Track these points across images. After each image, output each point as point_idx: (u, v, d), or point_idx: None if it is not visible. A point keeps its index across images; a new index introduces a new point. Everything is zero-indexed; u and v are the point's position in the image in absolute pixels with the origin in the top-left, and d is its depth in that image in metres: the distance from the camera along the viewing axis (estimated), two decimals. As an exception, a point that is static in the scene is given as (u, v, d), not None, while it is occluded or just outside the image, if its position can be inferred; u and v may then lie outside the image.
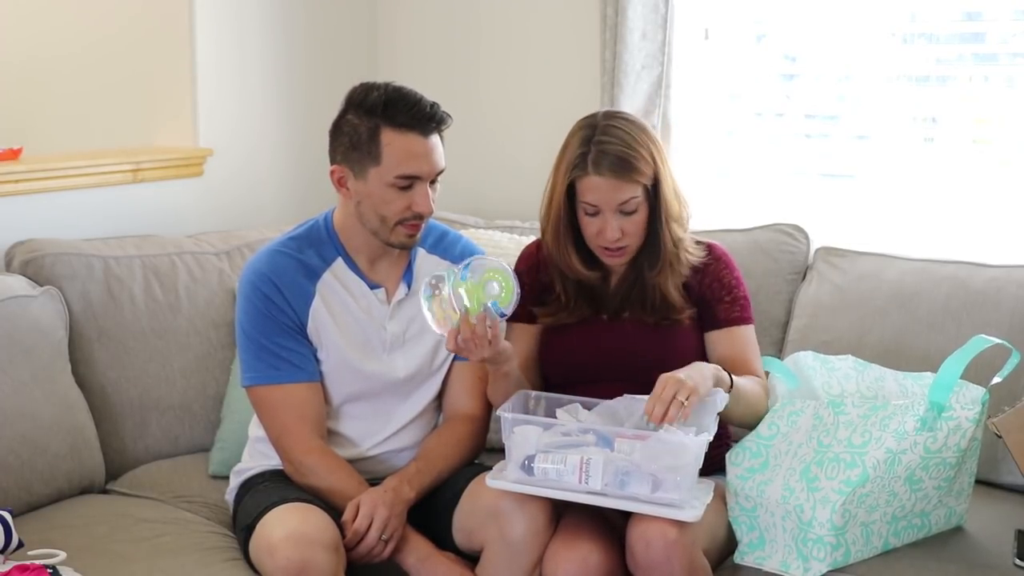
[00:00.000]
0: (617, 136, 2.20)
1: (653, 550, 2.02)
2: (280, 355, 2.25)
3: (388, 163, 2.18)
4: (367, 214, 2.24)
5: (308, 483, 2.23)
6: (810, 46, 3.09)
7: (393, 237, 2.25)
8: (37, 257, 2.60)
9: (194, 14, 3.03)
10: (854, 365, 2.34)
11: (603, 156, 2.18)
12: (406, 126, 2.17)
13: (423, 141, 2.19)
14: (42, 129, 3.31)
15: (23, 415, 2.37)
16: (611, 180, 2.18)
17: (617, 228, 2.21)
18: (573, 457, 2.04)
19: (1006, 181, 2.89)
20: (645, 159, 2.20)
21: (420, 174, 2.19)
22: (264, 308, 2.26)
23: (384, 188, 2.19)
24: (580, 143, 2.21)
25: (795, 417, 2.20)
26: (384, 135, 2.17)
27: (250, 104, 3.24)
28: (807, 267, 2.87)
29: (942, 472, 2.16)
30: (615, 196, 2.19)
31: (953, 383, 2.15)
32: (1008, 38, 2.90)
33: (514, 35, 3.36)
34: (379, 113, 2.18)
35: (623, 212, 2.20)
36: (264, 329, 2.26)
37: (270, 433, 2.29)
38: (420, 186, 2.20)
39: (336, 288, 2.30)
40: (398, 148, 2.17)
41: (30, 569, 1.94)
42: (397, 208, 2.21)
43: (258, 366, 2.27)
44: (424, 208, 2.21)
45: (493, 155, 3.40)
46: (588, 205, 2.21)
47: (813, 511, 2.09)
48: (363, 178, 2.21)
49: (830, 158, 3.10)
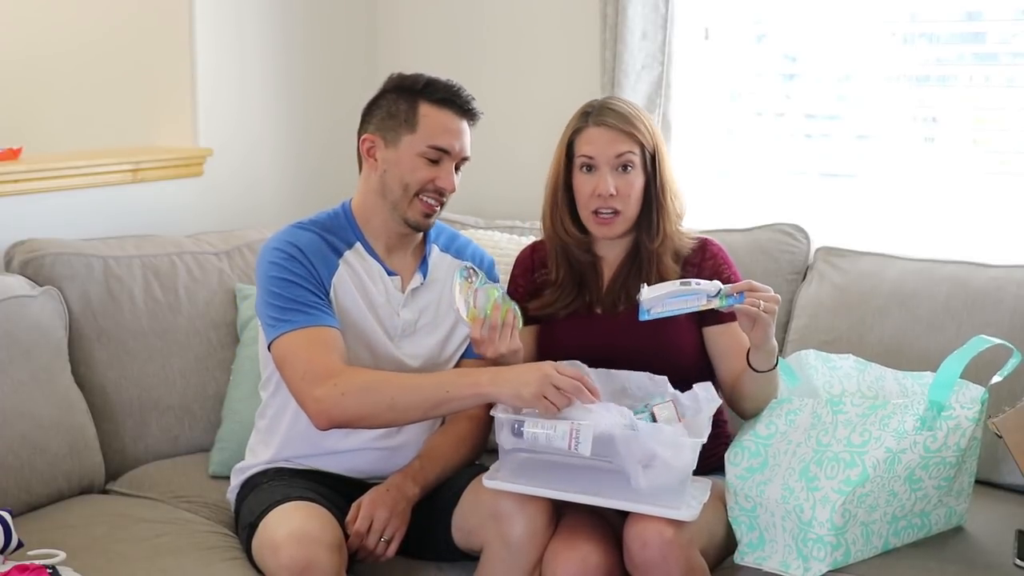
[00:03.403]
0: (619, 103, 2.33)
1: (649, 549, 2.02)
2: (309, 305, 2.22)
3: (423, 132, 2.26)
4: (391, 183, 2.29)
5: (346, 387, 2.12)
6: (810, 46, 3.10)
7: (410, 212, 2.29)
8: (37, 257, 2.60)
9: (194, 14, 3.03)
10: (855, 364, 2.34)
11: (605, 111, 2.29)
12: (444, 102, 2.28)
13: (458, 120, 2.29)
14: (42, 129, 3.31)
15: (23, 415, 2.37)
16: (610, 132, 2.26)
17: (612, 184, 2.25)
18: (563, 424, 2.03)
19: (1006, 181, 2.89)
20: (644, 124, 2.29)
21: (451, 149, 2.27)
22: (292, 268, 2.24)
23: (414, 157, 2.26)
24: (582, 114, 2.33)
25: (793, 416, 2.20)
26: (423, 107, 2.27)
27: (250, 104, 3.24)
28: (807, 267, 2.87)
29: (942, 472, 2.16)
30: (612, 148, 2.26)
31: (953, 382, 2.14)
32: (1008, 38, 2.90)
33: (514, 35, 3.36)
34: (419, 89, 2.29)
35: (619, 168, 2.26)
36: (293, 287, 2.22)
37: (295, 374, 2.17)
38: (447, 163, 2.28)
39: (357, 268, 2.32)
40: (434, 120, 2.27)
41: (30, 569, 1.94)
42: (421, 177, 2.26)
43: (287, 316, 2.20)
44: (447, 184, 2.28)
45: (493, 155, 3.39)
46: (585, 158, 2.28)
47: (813, 511, 2.08)
48: (395, 145, 2.28)
49: (830, 158, 3.10)
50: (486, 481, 2.11)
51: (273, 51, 3.28)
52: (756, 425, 2.22)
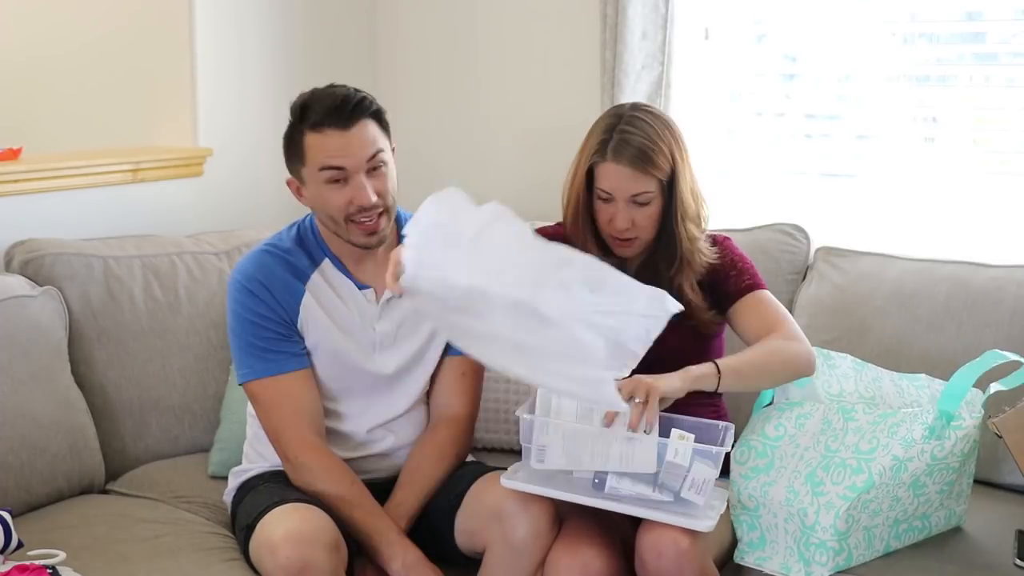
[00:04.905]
0: (640, 128, 2.22)
1: (665, 560, 2.00)
2: (270, 348, 2.26)
3: (312, 161, 2.21)
4: (322, 217, 2.28)
5: (304, 482, 2.23)
6: (810, 46, 3.09)
7: (353, 237, 2.25)
8: (37, 257, 2.60)
9: (194, 14, 3.03)
10: (852, 364, 2.35)
11: (623, 145, 2.20)
12: (320, 124, 2.19)
13: (340, 134, 2.18)
14: (42, 129, 3.31)
15: (23, 415, 2.37)
16: (627, 170, 2.20)
17: (628, 218, 2.22)
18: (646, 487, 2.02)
19: (1006, 181, 2.88)
20: (664, 154, 2.22)
21: (344, 165, 2.19)
22: (252, 306, 2.27)
23: (320, 187, 2.22)
24: (603, 130, 2.24)
25: (803, 420, 2.20)
26: (306, 137, 2.21)
27: (250, 104, 3.24)
28: (807, 267, 2.87)
29: (945, 477, 2.16)
30: (629, 186, 2.21)
31: (964, 394, 2.15)
32: (1008, 38, 2.90)
33: (514, 35, 3.36)
34: (299, 118, 2.22)
35: (636, 203, 2.22)
36: (253, 327, 2.27)
37: (267, 430, 2.29)
38: (354, 178, 2.20)
39: (324, 288, 2.30)
40: (317, 146, 2.20)
41: (30, 569, 1.94)
42: (337, 203, 2.21)
43: (249, 362, 2.28)
44: (363, 199, 2.19)
45: (493, 155, 3.40)
46: (603, 191, 2.24)
47: (817, 515, 2.08)
48: (304, 182, 2.25)
49: (830, 158, 3.09)
50: (504, 481, 2.10)
51: (273, 51, 3.28)
52: (765, 426, 2.22)
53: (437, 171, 3.49)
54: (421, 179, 3.48)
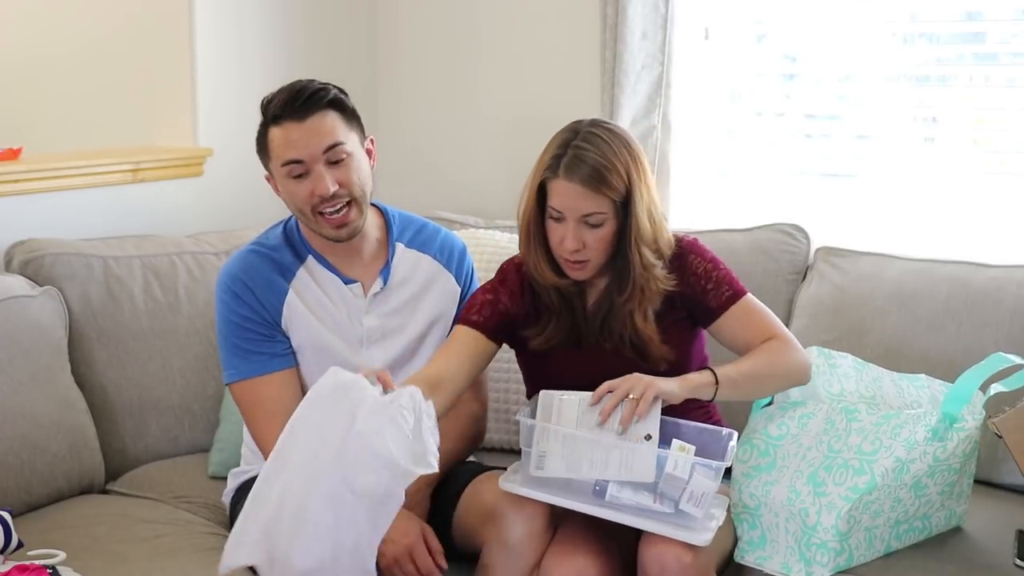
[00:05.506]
0: (595, 144, 2.10)
1: (668, 574, 2.00)
2: (252, 350, 2.27)
3: (274, 156, 2.23)
4: (294, 212, 2.30)
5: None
6: (810, 46, 3.09)
7: (323, 230, 2.26)
8: (37, 257, 2.60)
9: (194, 14, 3.03)
10: (853, 364, 2.34)
11: (576, 163, 2.09)
12: (279, 118, 2.21)
13: (298, 126, 2.19)
14: (42, 129, 3.31)
15: (23, 415, 2.37)
16: (579, 188, 2.09)
17: (578, 239, 2.11)
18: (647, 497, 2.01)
19: (1006, 181, 2.89)
20: (619, 173, 2.10)
21: (302, 157, 2.20)
22: (236, 307, 2.28)
23: (285, 181, 2.24)
24: (558, 145, 2.14)
25: (806, 420, 2.20)
26: (270, 132, 2.23)
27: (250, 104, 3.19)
28: (807, 267, 2.87)
29: (946, 478, 2.17)
30: (581, 205, 2.10)
31: (969, 397, 2.15)
32: (1008, 38, 2.90)
33: (514, 35, 3.36)
34: (263, 115, 2.25)
35: (587, 224, 2.11)
36: (236, 328, 2.28)
37: (251, 432, 2.30)
38: (315, 170, 2.20)
39: (310, 284, 2.31)
40: (277, 140, 2.22)
41: (30, 569, 1.94)
42: (300, 196, 2.23)
43: (233, 362, 2.29)
44: (322, 189, 2.19)
45: (493, 155, 3.40)
46: (553, 210, 2.13)
47: (818, 516, 2.08)
48: (275, 178, 2.27)
49: (830, 158, 3.09)
50: (503, 483, 2.10)
51: (273, 51, 3.27)
52: (768, 425, 2.22)
53: (437, 170, 3.50)
54: (421, 177, 3.50)
